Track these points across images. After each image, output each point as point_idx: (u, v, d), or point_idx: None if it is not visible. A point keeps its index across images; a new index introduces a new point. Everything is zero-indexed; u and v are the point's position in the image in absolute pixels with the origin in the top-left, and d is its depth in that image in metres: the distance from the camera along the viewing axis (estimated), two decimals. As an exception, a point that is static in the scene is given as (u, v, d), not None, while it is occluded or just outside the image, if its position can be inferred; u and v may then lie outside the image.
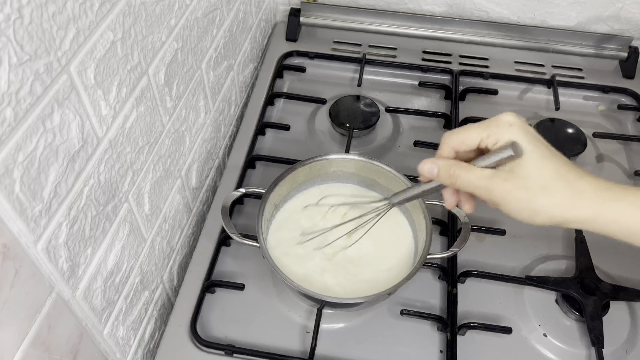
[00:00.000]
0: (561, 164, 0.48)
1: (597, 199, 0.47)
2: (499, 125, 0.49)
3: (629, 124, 0.91)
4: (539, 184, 0.47)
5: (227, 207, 0.67)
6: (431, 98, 0.94)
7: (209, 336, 0.66)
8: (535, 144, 0.48)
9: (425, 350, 0.65)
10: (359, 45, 1.01)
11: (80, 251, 0.49)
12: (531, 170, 0.47)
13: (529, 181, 0.47)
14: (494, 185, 0.48)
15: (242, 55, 0.89)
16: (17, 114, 0.38)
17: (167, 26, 0.59)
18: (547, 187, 0.47)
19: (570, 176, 0.47)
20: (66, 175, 0.45)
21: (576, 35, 0.98)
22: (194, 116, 0.71)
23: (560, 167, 0.48)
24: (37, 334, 0.44)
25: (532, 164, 0.47)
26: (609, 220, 0.48)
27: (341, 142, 0.85)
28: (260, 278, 0.71)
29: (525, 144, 0.47)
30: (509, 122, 0.48)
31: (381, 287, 0.61)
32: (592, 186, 0.47)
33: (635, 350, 0.65)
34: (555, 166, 0.48)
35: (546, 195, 0.47)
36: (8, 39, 0.35)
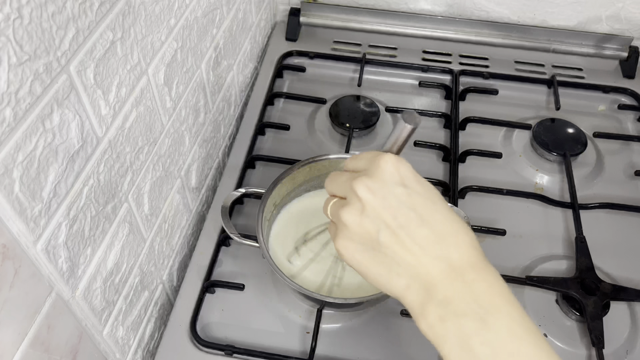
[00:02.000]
0: None
1: None
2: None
3: (629, 124, 0.91)
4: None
5: (227, 207, 0.67)
6: (431, 98, 0.94)
7: (208, 336, 0.66)
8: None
9: (425, 350, 0.65)
10: (359, 45, 1.01)
11: (79, 251, 0.49)
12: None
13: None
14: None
15: (242, 55, 0.89)
16: (17, 114, 0.38)
17: (167, 26, 0.59)
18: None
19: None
20: (66, 175, 0.45)
21: (576, 35, 0.98)
22: (193, 116, 0.71)
23: None
24: (36, 334, 0.44)
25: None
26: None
27: (341, 142, 0.85)
28: (260, 278, 0.71)
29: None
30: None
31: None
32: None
33: (635, 351, 0.65)
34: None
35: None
36: (7, 39, 0.35)
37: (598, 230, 0.75)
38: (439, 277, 0.40)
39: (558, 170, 0.83)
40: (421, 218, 0.41)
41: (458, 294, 0.39)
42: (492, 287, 0.40)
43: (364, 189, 0.42)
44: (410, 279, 0.41)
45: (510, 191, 0.78)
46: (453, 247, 0.41)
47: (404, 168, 0.42)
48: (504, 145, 0.86)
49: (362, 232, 0.42)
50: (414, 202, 0.41)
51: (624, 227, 0.77)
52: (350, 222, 0.42)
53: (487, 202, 0.78)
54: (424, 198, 0.42)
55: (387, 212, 0.41)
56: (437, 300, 0.40)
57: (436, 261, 0.40)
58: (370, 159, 0.43)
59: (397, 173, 0.42)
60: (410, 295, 0.41)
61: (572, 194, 0.78)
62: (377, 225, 0.41)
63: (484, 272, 0.40)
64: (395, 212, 0.41)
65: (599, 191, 0.81)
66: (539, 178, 0.82)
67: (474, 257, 0.41)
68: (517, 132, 0.87)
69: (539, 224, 0.77)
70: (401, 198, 0.41)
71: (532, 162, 0.84)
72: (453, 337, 0.39)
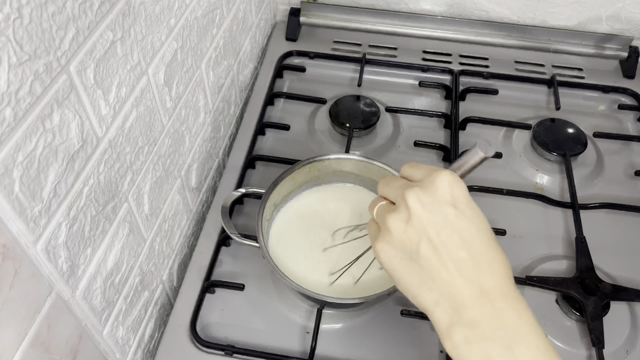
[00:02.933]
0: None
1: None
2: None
3: (629, 124, 0.91)
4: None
5: (227, 207, 0.67)
6: (431, 98, 0.94)
7: (208, 336, 0.66)
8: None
9: (425, 350, 0.65)
10: (359, 45, 1.01)
11: (79, 251, 0.49)
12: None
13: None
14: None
15: (242, 55, 0.89)
16: (17, 114, 0.38)
17: (167, 26, 0.59)
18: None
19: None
20: (66, 175, 0.45)
21: (576, 35, 0.98)
22: (193, 116, 0.71)
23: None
24: (36, 334, 0.44)
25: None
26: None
27: (341, 142, 0.85)
28: (260, 278, 0.70)
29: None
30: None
31: (381, 287, 0.60)
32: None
33: (635, 351, 0.65)
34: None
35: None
36: (7, 39, 0.35)
37: (598, 230, 0.75)
38: (470, 300, 0.41)
39: (558, 170, 0.83)
40: (463, 241, 0.42)
41: (486, 319, 0.40)
42: (521, 317, 0.41)
43: (415, 199, 0.42)
44: (441, 296, 0.42)
45: (510, 191, 0.78)
46: (487, 274, 0.41)
47: (457, 189, 0.43)
48: (504, 145, 0.86)
49: (404, 240, 0.43)
50: (460, 224, 0.42)
51: (624, 227, 0.77)
52: (395, 228, 0.43)
53: (487, 202, 0.78)
54: (469, 222, 0.42)
55: (432, 228, 0.42)
56: (465, 322, 0.40)
57: (469, 284, 0.41)
58: (428, 172, 0.44)
59: (450, 192, 0.43)
60: (439, 311, 0.42)
61: (572, 194, 0.78)
62: (419, 237, 0.42)
63: (513, 302, 0.41)
64: (440, 230, 0.42)
65: (599, 191, 0.81)
66: (539, 178, 0.82)
67: (506, 287, 0.42)
68: (517, 132, 0.87)
69: (539, 224, 0.77)
70: (448, 217, 0.42)
71: (532, 162, 0.84)
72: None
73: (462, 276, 0.41)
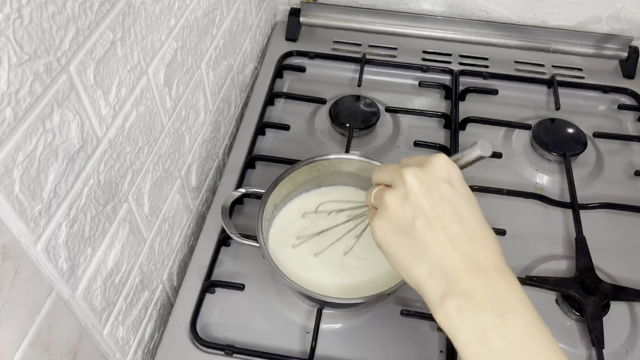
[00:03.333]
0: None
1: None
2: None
3: (629, 124, 0.91)
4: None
5: (227, 207, 0.67)
6: (431, 98, 0.94)
7: (208, 336, 0.66)
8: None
9: (425, 350, 0.65)
10: (359, 45, 1.01)
11: (79, 251, 0.49)
12: None
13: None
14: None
15: (242, 55, 0.89)
16: (17, 114, 0.38)
17: (167, 26, 0.59)
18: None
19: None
20: (66, 175, 0.45)
21: (576, 35, 0.98)
22: (193, 116, 0.71)
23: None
24: (36, 334, 0.44)
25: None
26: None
27: (341, 142, 0.85)
28: (260, 278, 0.71)
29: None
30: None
31: (381, 287, 0.61)
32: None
33: (635, 350, 0.65)
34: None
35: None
36: (8, 39, 0.35)
37: (598, 230, 0.75)
38: (463, 271, 0.42)
39: (558, 170, 0.83)
40: (458, 216, 0.43)
41: (479, 289, 0.41)
42: (513, 289, 0.42)
43: (413, 176, 0.44)
44: (434, 268, 0.42)
45: (510, 191, 0.78)
46: (480, 249, 0.43)
47: (453, 169, 0.45)
48: (504, 145, 0.86)
49: (400, 214, 0.44)
50: (455, 200, 0.44)
51: (624, 227, 0.77)
52: (392, 204, 0.44)
53: (487, 202, 0.78)
54: (464, 200, 0.44)
55: (428, 202, 0.43)
56: (458, 292, 0.41)
57: (463, 257, 0.42)
58: (425, 156, 0.47)
59: (446, 171, 0.45)
60: (431, 283, 0.43)
61: (572, 194, 0.78)
62: (415, 211, 0.43)
63: (505, 276, 0.42)
64: (436, 204, 0.43)
65: (599, 191, 0.81)
66: (539, 178, 0.82)
67: (498, 262, 0.43)
68: (517, 132, 0.87)
69: (539, 224, 0.77)
70: (444, 193, 0.44)
71: (532, 162, 0.84)
72: (469, 328, 0.40)
73: (455, 249, 0.42)
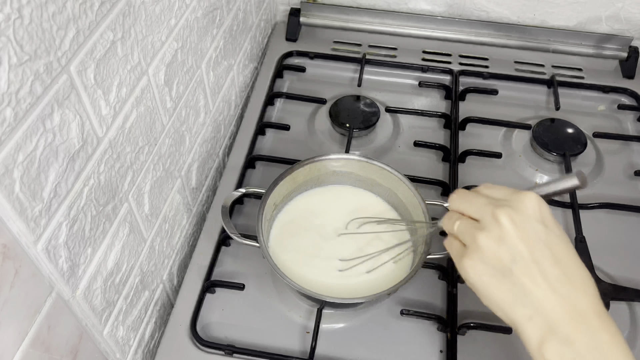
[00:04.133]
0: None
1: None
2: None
3: (629, 124, 0.91)
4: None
5: (227, 207, 0.67)
6: (431, 98, 0.94)
7: (209, 336, 0.66)
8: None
9: (425, 350, 0.65)
10: (359, 45, 1.01)
11: (80, 251, 0.49)
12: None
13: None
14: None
15: (242, 55, 0.89)
16: (17, 114, 0.38)
17: (167, 26, 0.59)
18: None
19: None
20: (66, 175, 0.45)
21: (576, 35, 0.98)
22: (194, 116, 0.71)
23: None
24: (37, 334, 0.44)
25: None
26: None
27: (341, 142, 0.85)
28: (260, 278, 0.71)
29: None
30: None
31: (381, 287, 0.61)
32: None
33: (635, 351, 0.65)
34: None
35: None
36: (8, 39, 0.35)
37: (598, 230, 0.75)
38: (564, 317, 0.41)
39: (558, 170, 0.83)
40: (555, 257, 0.43)
41: (582, 337, 0.41)
42: (614, 339, 0.41)
43: (507, 218, 0.44)
44: (535, 312, 0.42)
45: (510, 191, 0.78)
46: (581, 292, 0.42)
47: (545, 208, 0.45)
48: (504, 145, 0.86)
49: (497, 258, 0.44)
50: (551, 241, 0.43)
51: (623, 227, 0.77)
52: (486, 246, 0.44)
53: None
54: (559, 240, 0.44)
55: (525, 245, 0.43)
56: (559, 338, 0.41)
57: (563, 301, 0.42)
58: (512, 192, 0.46)
59: (539, 211, 0.44)
60: (531, 326, 0.42)
61: (572, 193, 0.78)
62: (512, 254, 0.43)
63: (607, 323, 0.42)
64: (533, 247, 0.43)
65: (598, 191, 0.81)
66: (539, 178, 0.82)
67: (599, 307, 0.43)
68: (517, 132, 0.87)
69: (538, 224, 0.77)
70: (540, 235, 0.43)
71: (532, 162, 0.84)
72: None
73: (555, 293, 0.42)
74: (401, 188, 0.69)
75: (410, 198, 0.68)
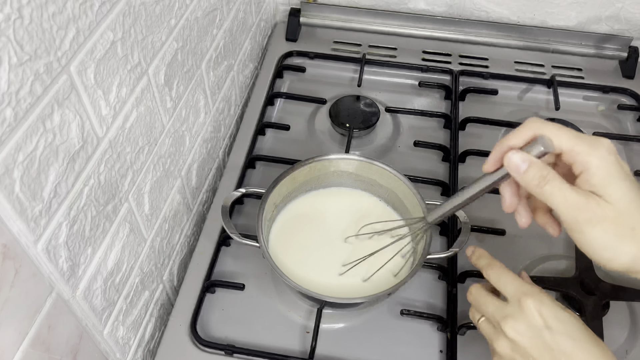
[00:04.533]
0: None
1: None
2: (597, 144, 0.45)
3: (629, 124, 0.91)
4: (630, 226, 0.44)
5: (227, 207, 0.67)
6: (431, 98, 0.94)
7: (209, 336, 0.66)
8: (631, 182, 0.44)
9: (425, 350, 0.65)
10: (359, 45, 1.01)
11: (80, 251, 0.49)
12: (626, 207, 0.44)
13: (621, 218, 0.44)
14: (588, 207, 0.44)
15: (242, 55, 0.89)
16: (17, 114, 0.38)
17: (167, 26, 0.59)
18: (636, 231, 0.44)
19: None
20: (66, 175, 0.45)
21: (576, 35, 0.98)
22: (194, 116, 0.71)
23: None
24: (37, 333, 0.44)
25: (628, 201, 0.44)
26: None
27: (341, 142, 0.85)
28: (260, 278, 0.71)
29: (621, 182, 0.44)
30: (608, 149, 0.45)
31: (381, 287, 0.61)
32: None
33: (635, 350, 0.65)
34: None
35: (633, 242, 0.44)
36: (8, 39, 0.35)
37: (598, 230, 0.75)
38: None
39: (558, 170, 0.83)
40: (564, 355, 0.47)
41: None
42: None
43: (512, 331, 0.49)
44: None
45: (510, 191, 0.78)
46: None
47: (544, 309, 0.48)
48: (504, 145, 0.86)
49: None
50: (557, 341, 0.47)
51: (623, 227, 0.77)
52: (503, 353, 0.50)
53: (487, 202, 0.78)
54: (565, 337, 0.47)
55: (535, 351, 0.48)
56: None
57: None
58: (514, 295, 0.50)
59: (539, 316, 0.48)
60: None
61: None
62: (526, 359, 0.48)
63: None
64: (541, 351, 0.48)
65: (598, 191, 0.81)
66: (539, 178, 0.82)
67: None
68: (517, 132, 0.87)
69: (538, 224, 0.77)
70: (546, 340, 0.48)
71: (532, 162, 0.84)
72: None
73: None
74: (401, 188, 0.69)
75: (410, 198, 0.68)
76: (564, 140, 0.46)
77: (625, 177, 0.44)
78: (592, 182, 0.44)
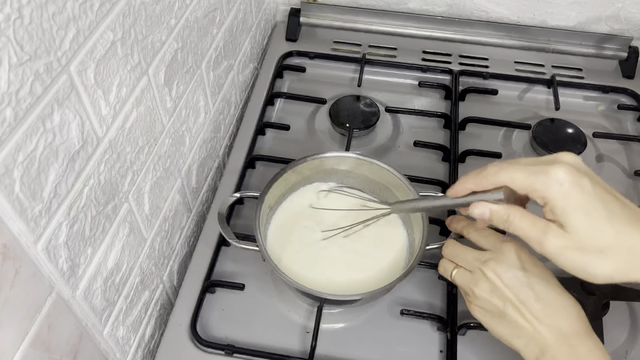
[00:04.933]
0: (623, 225, 0.45)
1: None
2: (549, 179, 0.46)
3: (629, 124, 0.91)
4: (597, 249, 0.45)
5: (223, 214, 0.67)
6: (431, 98, 0.94)
7: (209, 336, 0.66)
8: (591, 205, 0.45)
9: (425, 350, 0.65)
10: (359, 45, 1.01)
11: (80, 251, 0.49)
12: (587, 234, 0.45)
13: (584, 243, 0.45)
14: (547, 240, 0.47)
15: (242, 55, 0.89)
16: (17, 114, 0.38)
17: (167, 26, 0.59)
18: (605, 252, 0.45)
19: (632, 240, 0.45)
20: (66, 175, 0.45)
21: (576, 35, 0.98)
22: (194, 116, 0.71)
23: (621, 231, 0.45)
24: (37, 334, 0.44)
25: (589, 227, 0.45)
26: None
27: (341, 142, 0.86)
28: (260, 278, 0.71)
29: (578, 210, 0.45)
30: (559, 180, 0.45)
31: (380, 284, 0.61)
32: None
33: (635, 350, 0.65)
34: (615, 229, 0.45)
35: (605, 261, 0.45)
36: (8, 39, 0.35)
37: (598, 230, 0.75)
38: (551, 341, 0.51)
39: (558, 170, 0.83)
40: (537, 295, 0.51)
41: (564, 355, 0.50)
42: (592, 351, 0.50)
43: (493, 273, 0.52)
44: (528, 340, 0.52)
45: (510, 191, 0.78)
46: (562, 318, 0.51)
47: (523, 254, 0.53)
48: (504, 145, 0.86)
49: (491, 304, 0.53)
50: (531, 282, 0.52)
51: (623, 227, 0.77)
52: (482, 296, 0.53)
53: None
54: (539, 278, 0.52)
55: (511, 291, 0.52)
56: (548, 358, 0.51)
57: (549, 329, 0.51)
58: (495, 243, 0.54)
59: (518, 259, 0.53)
60: (528, 351, 0.52)
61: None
62: (503, 301, 0.52)
63: (585, 339, 0.51)
64: (517, 291, 0.52)
65: (598, 191, 0.81)
66: (539, 178, 0.82)
67: (579, 327, 0.51)
68: (517, 132, 0.87)
69: (538, 224, 0.77)
70: (521, 279, 0.52)
71: (532, 162, 0.84)
72: None
73: (542, 324, 0.51)
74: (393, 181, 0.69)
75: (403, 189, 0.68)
76: (518, 182, 0.49)
77: (582, 203, 0.45)
78: (555, 213, 0.46)
